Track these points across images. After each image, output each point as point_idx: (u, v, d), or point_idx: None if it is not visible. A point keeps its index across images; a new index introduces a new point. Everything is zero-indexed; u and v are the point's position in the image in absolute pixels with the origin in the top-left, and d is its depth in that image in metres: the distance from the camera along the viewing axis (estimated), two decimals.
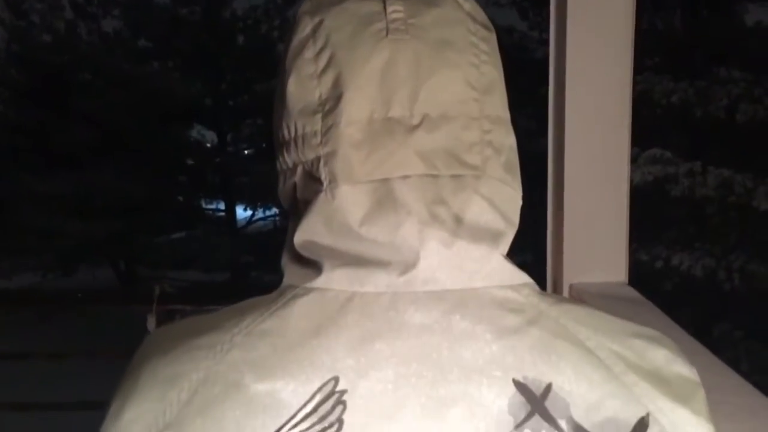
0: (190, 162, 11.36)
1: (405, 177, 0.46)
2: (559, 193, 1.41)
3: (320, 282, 0.47)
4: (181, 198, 11.50)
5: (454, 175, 0.47)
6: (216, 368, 0.45)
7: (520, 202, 0.50)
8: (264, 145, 10.54)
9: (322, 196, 0.47)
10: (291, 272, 0.49)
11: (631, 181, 1.45)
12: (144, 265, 10.10)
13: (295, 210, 0.50)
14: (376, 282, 0.46)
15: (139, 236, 9.92)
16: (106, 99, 9.18)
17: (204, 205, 11.76)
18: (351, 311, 0.46)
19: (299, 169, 0.49)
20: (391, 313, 0.46)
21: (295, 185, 0.50)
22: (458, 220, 0.46)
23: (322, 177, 0.47)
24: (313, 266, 0.48)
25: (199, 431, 0.44)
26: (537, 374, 0.45)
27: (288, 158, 0.50)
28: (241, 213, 11.44)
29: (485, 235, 0.47)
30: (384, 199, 0.46)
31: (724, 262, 5.55)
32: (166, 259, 9.78)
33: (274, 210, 11.07)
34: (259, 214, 11.48)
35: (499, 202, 0.48)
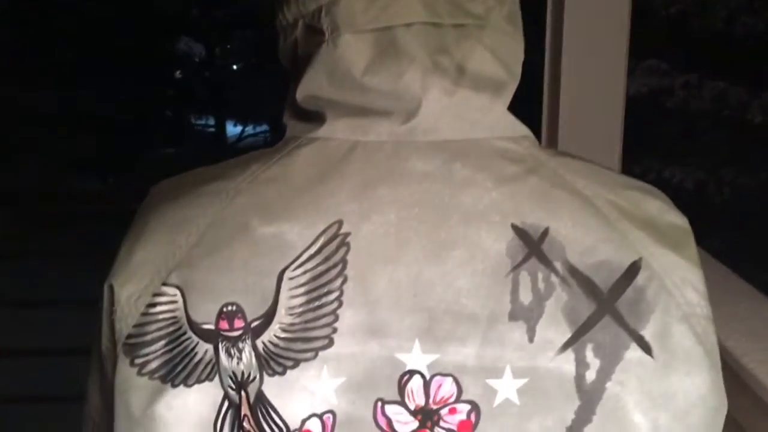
0: (178, 75, 11.15)
1: (408, 25, 0.46)
2: (555, 105, 1.40)
3: (323, 132, 0.48)
4: (169, 113, 11.35)
5: (457, 24, 0.47)
6: (223, 213, 0.46)
7: (522, 55, 0.50)
8: (253, 59, 10.33)
9: (323, 47, 0.47)
10: (293, 126, 0.50)
11: (626, 93, 1.44)
12: (133, 181, 10.06)
13: (296, 67, 0.50)
14: (379, 131, 0.47)
15: (127, 152, 9.84)
16: (87, 16, 8.89)
17: (193, 121, 11.63)
18: (354, 159, 0.47)
19: (300, 24, 0.49)
20: (393, 161, 0.47)
21: (295, 42, 0.50)
22: (461, 69, 0.47)
23: (324, 27, 0.47)
24: (315, 118, 0.48)
25: (207, 271, 0.45)
26: (535, 220, 0.46)
27: (288, 13, 0.49)
28: (232, 129, 11.34)
29: (487, 85, 0.47)
30: (387, 47, 0.46)
31: (714, 176, 5.60)
32: (155, 175, 9.71)
33: (265, 126, 10.97)
34: (250, 130, 11.37)
35: (502, 53, 0.48)
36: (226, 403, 0.45)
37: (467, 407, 0.45)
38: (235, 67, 11.50)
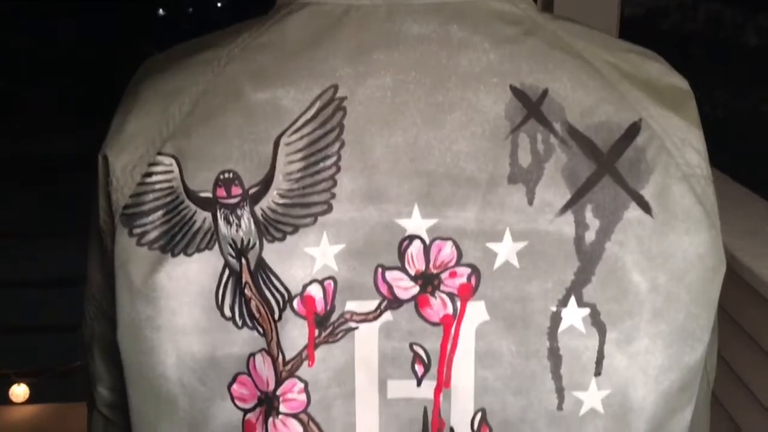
0: (161, 13, 10.88)
1: None
2: None
3: None
4: (156, 52, 11.10)
5: None
6: (215, 81, 0.45)
7: None
8: None
9: None
10: None
11: (621, 14, 1.41)
12: None
13: None
14: None
15: (110, 94, 9.64)
16: None
17: None
18: (347, 23, 0.46)
19: None
20: (388, 24, 0.46)
21: None
22: None
23: None
24: None
25: (202, 140, 0.45)
26: (533, 81, 0.45)
27: None
28: None
29: None
30: None
31: (709, 99, 5.57)
32: None
33: None
34: None
35: None
36: (226, 272, 0.45)
37: (467, 271, 0.45)
38: (219, 4, 11.22)
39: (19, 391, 2.38)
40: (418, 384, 0.47)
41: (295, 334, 0.45)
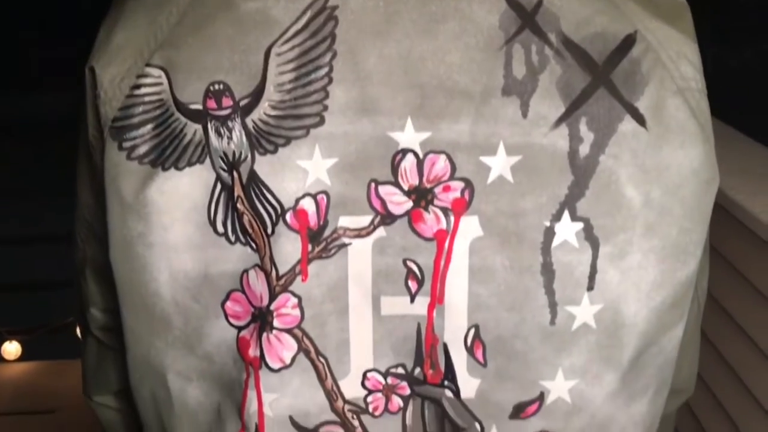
0: None
1: None
2: None
3: None
4: None
5: None
6: None
7: None
8: None
9: None
10: None
11: None
12: None
13: None
14: None
15: None
16: None
17: None
18: None
19: None
20: None
21: None
22: None
23: None
24: None
25: (191, 50, 0.44)
26: None
27: None
28: None
29: None
30: None
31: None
32: None
33: None
34: None
35: None
36: (218, 186, 0.45)
37: (461, 185, 0.45)
38: None
39: (12, 349, 2.39)
40: (412, 300, 0.47)
41: (288, 248, 0.45)
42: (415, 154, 0.45)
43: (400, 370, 0.48)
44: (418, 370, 0.48)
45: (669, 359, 0.51)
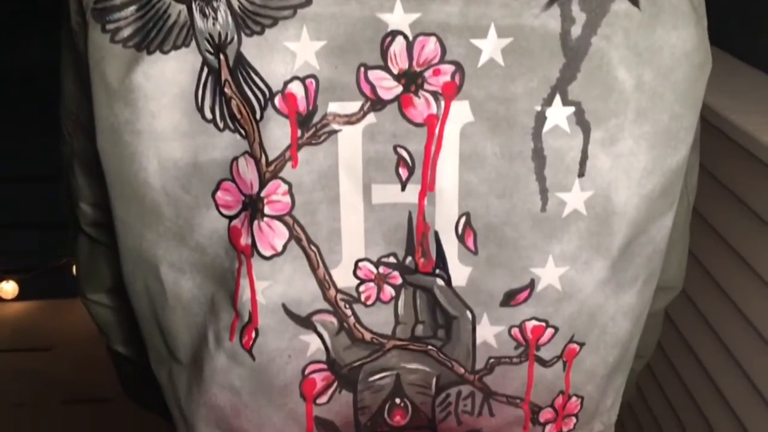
0: None
1: None
2: None
3: None
4: None
5: None
6: None
7: None
8: None
9: None
10: None
11: None
12: None
13: None
14: None
15: None
16: None
17: None
18: None
19: None
20: None
21: None
22: None
23: None
24: None
25: None
26: None
27: None
28: None
29: None
30: None
31: None
32: None
33: None
34: None
35: None
36: (205, 70, 0.44)
37: (451, 68, 0.44)
38: None
39: (8, 288, 2.40)
40: (403, 188, 0.47)
41: (277, 133, 0.44)
42: (405, 37, 0.44)
43: (392, 260, 0.48)
44: (409, 259, 0.48)
45: (658, 250, 0.51)
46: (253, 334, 0.49)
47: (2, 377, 2.17)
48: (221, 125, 0.45)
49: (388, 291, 0.49)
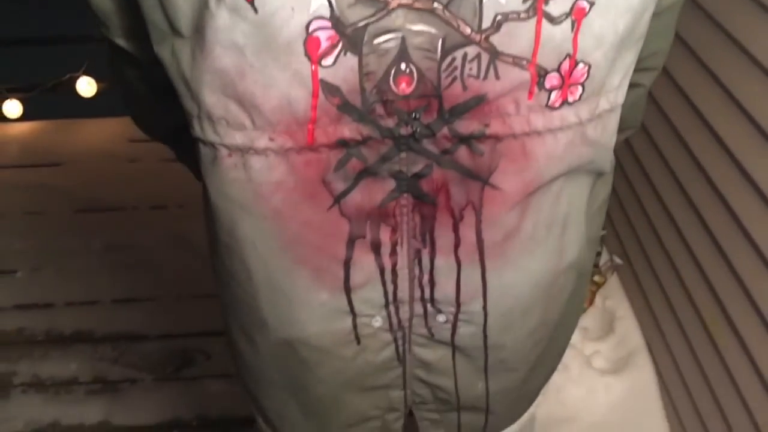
0: None
1: None
2: None
3: None
4: None
5: None
6: None
7: None
8: None
9: None
10: None
11: None
12: None
13: None
14: None
15: None
16: None
17: None
18: None
19: None
20: None
21: None
22: None
23: None
24: None
25: None
26: None
27: None
28: None
29: None
30: None
31: None
32: None
33: None
34: None
35: None
36: None
37: None
38: None
39: (12, 108, 2.39)
40: None
41: None
42: None
43: None
44: None
45: None
46: None
47: (14, 190, 2.21)
48: None
49: None
